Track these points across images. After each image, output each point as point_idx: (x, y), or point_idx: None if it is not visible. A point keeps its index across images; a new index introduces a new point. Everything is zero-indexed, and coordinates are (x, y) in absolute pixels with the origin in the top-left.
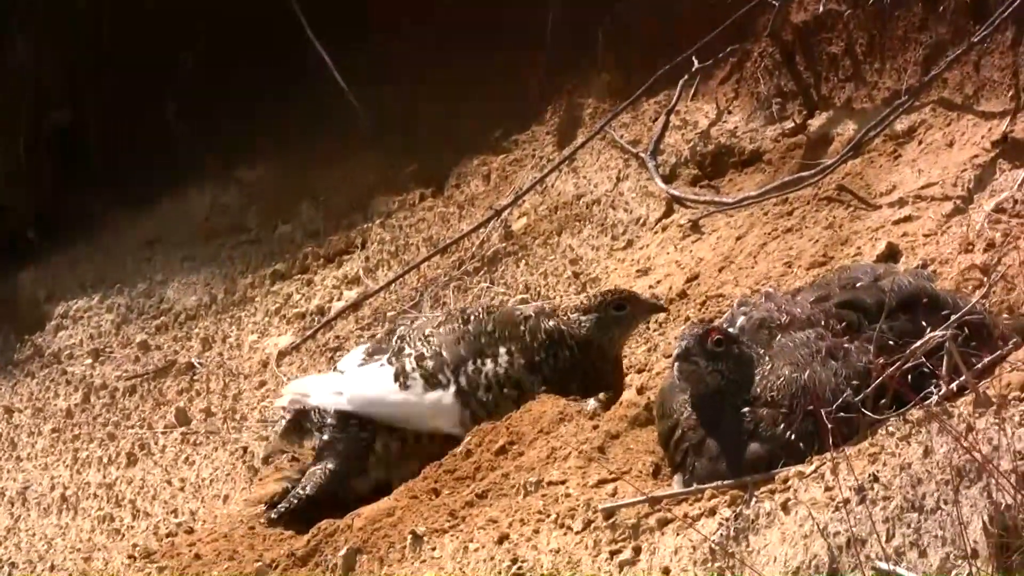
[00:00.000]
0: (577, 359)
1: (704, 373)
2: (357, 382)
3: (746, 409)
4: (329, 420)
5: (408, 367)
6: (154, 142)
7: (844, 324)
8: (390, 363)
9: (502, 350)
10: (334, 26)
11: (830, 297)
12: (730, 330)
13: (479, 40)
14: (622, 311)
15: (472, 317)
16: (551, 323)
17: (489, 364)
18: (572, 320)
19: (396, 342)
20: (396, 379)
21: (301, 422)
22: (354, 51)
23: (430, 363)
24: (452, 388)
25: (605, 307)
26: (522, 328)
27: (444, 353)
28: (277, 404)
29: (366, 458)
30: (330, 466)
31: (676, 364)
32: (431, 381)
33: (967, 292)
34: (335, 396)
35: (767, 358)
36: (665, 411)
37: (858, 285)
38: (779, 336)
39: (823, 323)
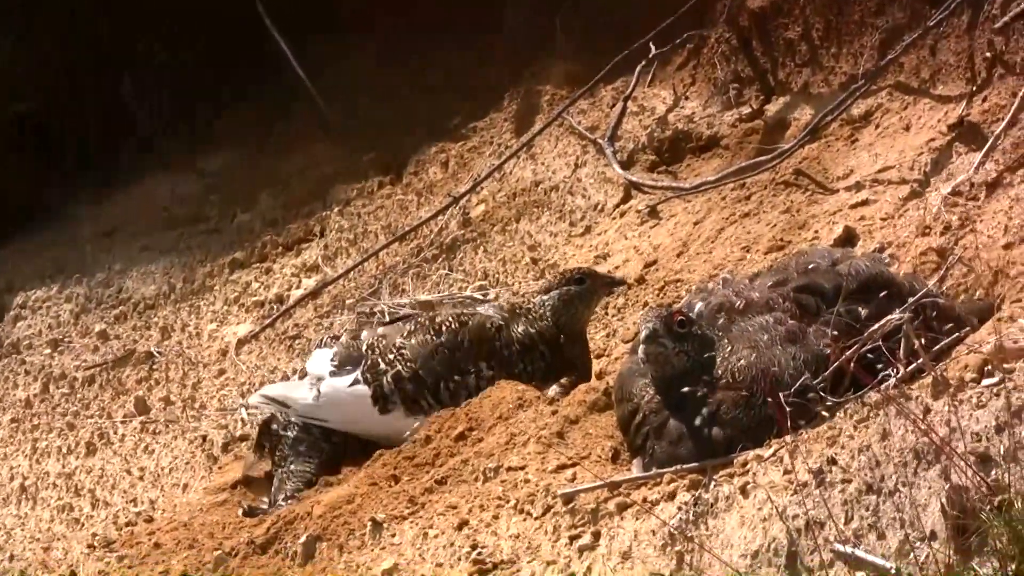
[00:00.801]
0: (549, 361)
1: (671, 355)
2: (335, 400)
3: (708, 392)
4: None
5: (387, 389)
6: (115, 130)
7: (802, 308)
8: (365, 381)
9: (483, 365)
10: (295, 15)
11: (788, 281)
12: (690, 314)
13: (438, 27)
14: (582, 285)
15: (444, 328)
16: (520, 329)
17: (472, 380)
18: (536, 303)
19: (367, 353)
20: (376, 402)
21: (269, 424)
22: (315, 40)
23: (409, 386)
24: (437, 410)
25: (565, 283)
26: (497, 343)
27: (422, 372)
28: (250, 401)
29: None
30: (301, 467)
31: (643, 346)
32: (412, 408)
33: (924, 275)
34: (316, 412)
35: (726, 342)
36: (625, 395)
37: (815, 268)
38: (738, 320)
39: (781, 307)
